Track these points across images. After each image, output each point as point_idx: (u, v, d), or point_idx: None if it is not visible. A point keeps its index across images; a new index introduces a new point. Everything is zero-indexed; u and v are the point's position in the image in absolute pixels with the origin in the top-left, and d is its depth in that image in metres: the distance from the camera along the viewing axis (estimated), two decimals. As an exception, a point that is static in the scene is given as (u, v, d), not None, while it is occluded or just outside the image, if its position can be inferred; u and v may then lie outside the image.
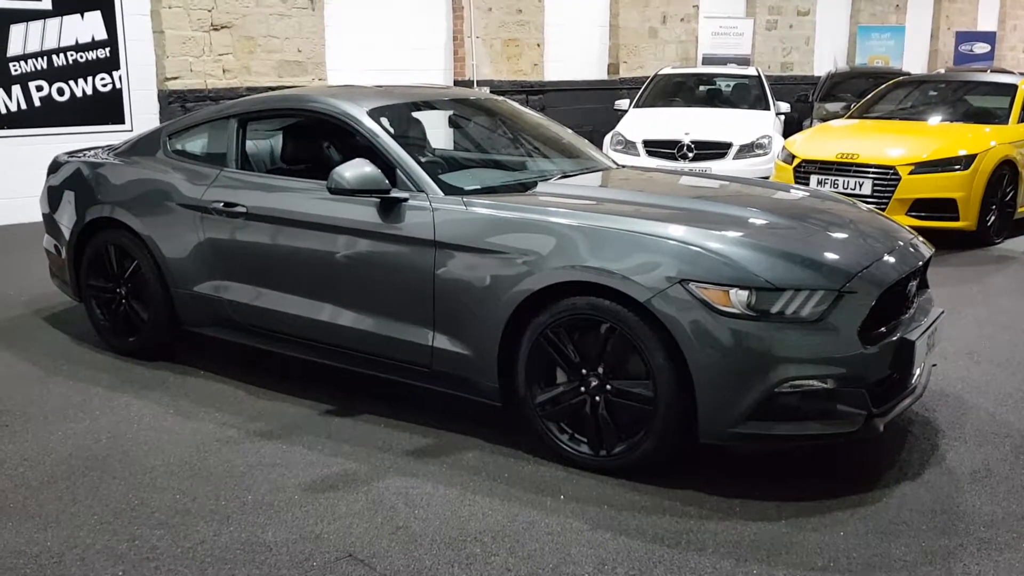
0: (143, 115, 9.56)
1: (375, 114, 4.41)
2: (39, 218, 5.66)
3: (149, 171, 4.98)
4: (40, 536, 3.22)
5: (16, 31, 8.85)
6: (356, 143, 4.46)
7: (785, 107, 11.25)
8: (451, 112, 5.38)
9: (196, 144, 5.04)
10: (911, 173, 7.85)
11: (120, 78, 9.49)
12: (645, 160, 9.74)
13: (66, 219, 5.26)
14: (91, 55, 9.29)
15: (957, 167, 7.92)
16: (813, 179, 8.25)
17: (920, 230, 4.82)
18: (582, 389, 3.64)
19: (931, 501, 3.46)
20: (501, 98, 5.54)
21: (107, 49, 9.38)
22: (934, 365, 4.30)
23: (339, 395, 4.47)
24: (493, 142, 5.32)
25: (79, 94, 9.27)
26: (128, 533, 3.23)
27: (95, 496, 3.50)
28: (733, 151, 9.81)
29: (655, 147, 9.94)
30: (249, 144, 4.92)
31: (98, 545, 3.16)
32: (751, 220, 3.85)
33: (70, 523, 3.30)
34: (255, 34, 10.12)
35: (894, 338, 3.56)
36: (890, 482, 3.61)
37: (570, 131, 5.44)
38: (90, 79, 9.32)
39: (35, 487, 3.58)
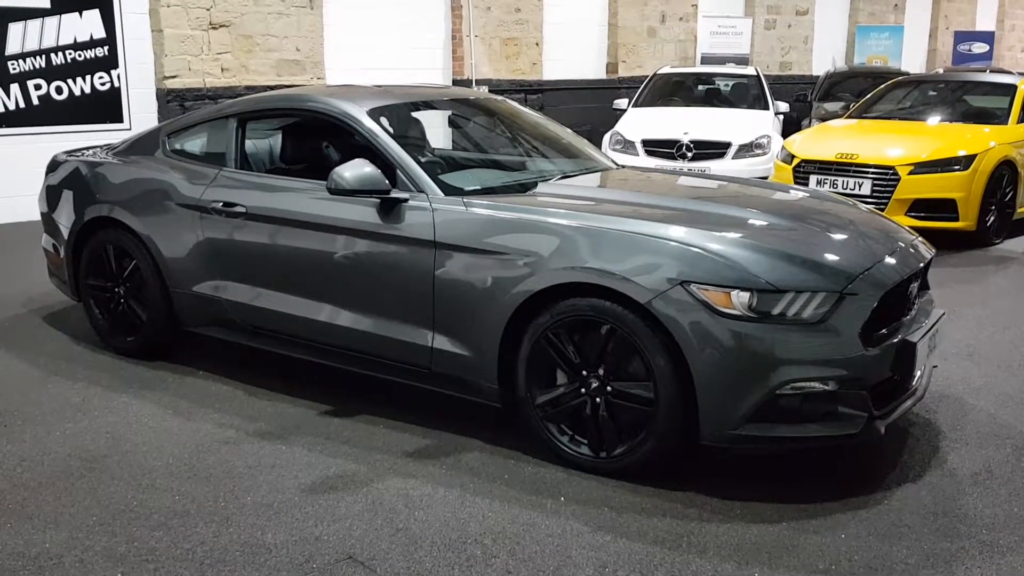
0: (141, 114, 9.54)
1: (375, 114, 4.39)
2: (37, 217, 5.65)
3: (148, 170, 4.97)
4: (39, 537, 3.21)
5: (15, 29, 8.83)
6: (356, 143, 4.45)
7: (784, 107, 11.24)
8: (450, 112, 5.37)
9: (195, 143, 5.03)
10: (910, 173, 7.85)
11: (118, 77, 9.47)
12: (644, 160, 9.74)
13: (64, 218, 5.24)
14: (89, 54, 9.27)
15: (956, 167, 7.92)
16: (812, 179, 8.24)
17: (919, 230, 4.82)
18: (582, 390, 3.63)
19: (932, 503, 3.46)
20: (500, 98, 5.53)
21: (105, 48, 9.36)
22: (935, 366, 4.29)
23: (338, 396, 4.46)
24: (492, 142, 5.31)
25: (77, 93, 9.25)
26: (127, 534, 3.22)
27: (94, 497, 3.49)
28: (732, 151, 9.80)
29: (654, 147, 9.93)
30: (248, 144, 4.91)
31: (97, 547, 3.15)
32: (751, 221, 3.85)
33: (69, 524, 3.29)
34: (254, 33, 10.10)
35: (895, 340, 3.56)
36: (891, 484, 3.60)
37: (569, 131, 5.43)
38: (88, 78, 9.30)
39: (33, 488, 3.57)
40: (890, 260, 3.75)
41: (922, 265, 3.98)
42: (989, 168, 8.02)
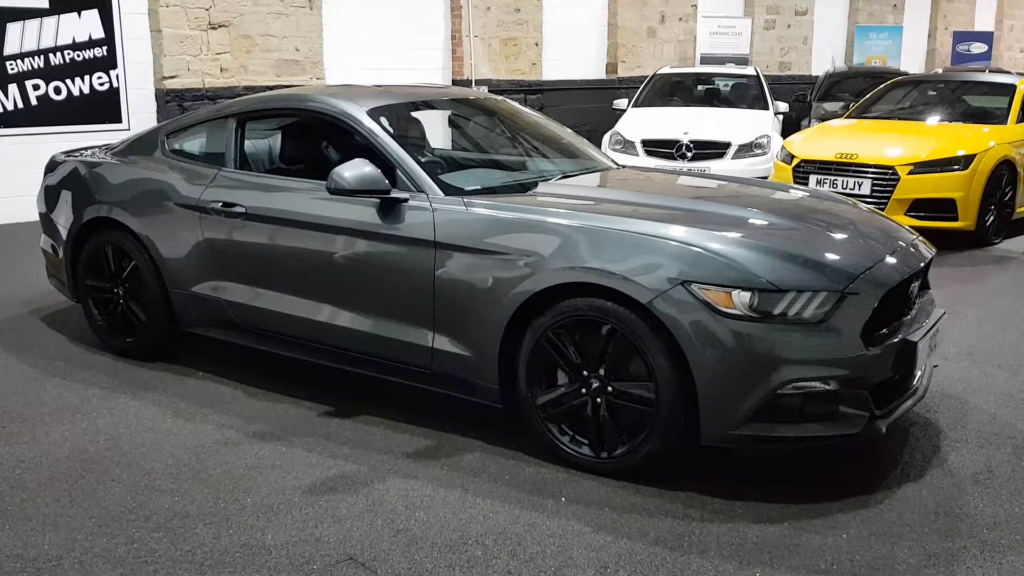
0: (140, 114, 9.53)
1: (374, 114, 4.39)
2: (36, 218, 5.64)
3: (147, 171, 4.96)
4: (37, 539, 3.20)
5: (13, 29, 8.82)
6: (355, 143, 4.44)
7: (784, 107, 11.24)
8: (450, 112, 5.36)
9: (194, 144, 5.02)
10: (910, 173, 7.85)
11: (117, 77, 9.46)
12: (644, 160, 9.73)
13: (63, 219, 5.23)
14: (88, 54, 9.26)
15: (956, 167, 7.92)
16: (812, 179, 8.24)
17: (919, 230, 4.81)
18: (583, 391, 3.62)
19: (933, 503, 3.45)
20: (500, 98, 5.52)
21: (104, 48, 9.35)
22: (935, 366, 4.29)
23: (338, 396, 4.45)
24: (492, 142, 5.30)
25: (76, 93, 9.24)
26: (126, 536, 3.21)
27: (93, 499, 3.48)
28: (732, 151, 9.80)
29: (654, 147, 9.93)
30: (248, 144, 4.90)
31: (96, 548, 3.14)
32: (752, 221, 3.84)
33: (68, 526, 3.28)
34: (253, 33, 10.09)
35: (896, 339, 3.55)
36: (892, 484, 3.60)
37: (569, 131, 5.43)
38: (87, 78, 9.29)
39: (32, 489, 3.56)
40: (891, 260, 3.75)
41: (922, 265, 3.97)
42: (988, 168, 8.02)
